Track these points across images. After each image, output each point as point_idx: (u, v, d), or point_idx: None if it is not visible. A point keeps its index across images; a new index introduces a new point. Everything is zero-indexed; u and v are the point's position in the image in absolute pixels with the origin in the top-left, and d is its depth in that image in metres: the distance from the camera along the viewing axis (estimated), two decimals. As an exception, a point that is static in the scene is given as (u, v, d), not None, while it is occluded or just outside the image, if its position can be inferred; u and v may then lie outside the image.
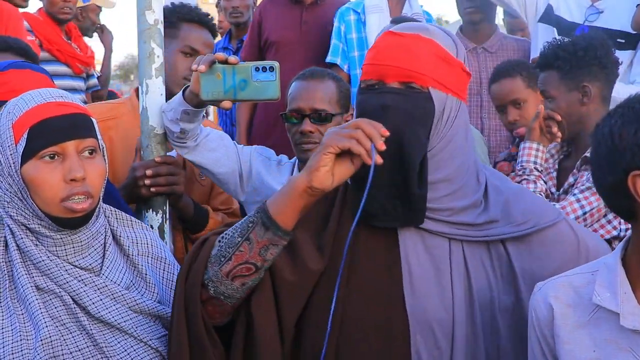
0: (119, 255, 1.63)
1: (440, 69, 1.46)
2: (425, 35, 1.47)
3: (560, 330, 1.36)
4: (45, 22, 4.38)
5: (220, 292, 1.44)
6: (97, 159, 1.55)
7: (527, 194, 1.61)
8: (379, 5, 3.59)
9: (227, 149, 2.22)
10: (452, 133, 1.48)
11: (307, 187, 1.37)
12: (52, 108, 1.51)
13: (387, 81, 1.46)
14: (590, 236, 1.59)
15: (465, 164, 1.50)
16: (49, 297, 1.52)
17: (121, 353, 1.53)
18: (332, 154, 1.36)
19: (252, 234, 1.41)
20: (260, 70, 1.77)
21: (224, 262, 1.43)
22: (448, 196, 1.47)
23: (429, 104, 1.45)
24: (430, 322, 1.44)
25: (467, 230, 1.48)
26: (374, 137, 1.34)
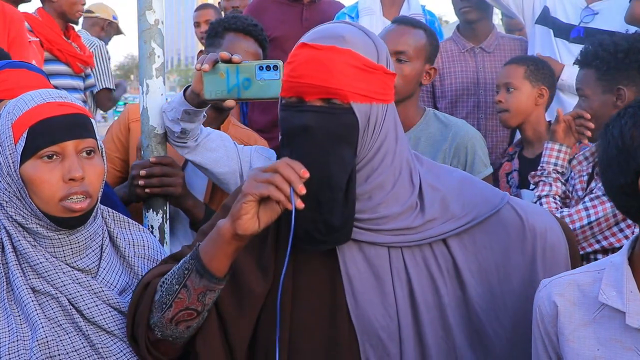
0: (115, 257, 1.64)
1: (361, 80, 1.40)
2: (341, 46, 1.40)
3: (564, 328, 1.36)
4: (45, 21, 4.39)
5: (167, 335, 1.47)
6: (96, 159, 1.56)
7: (469, 184, 1.55)
8: (370, 7, 3.61)
9: (227, 149, 2.21)
10: (381, 139, 1.45)
11: (234, 234, 1.37)
12: (51, 108, 1.52)
13: (307, 99, 1.41)
14: (538, 216, 1.55)
15: (397, 165, 1.47)
16: (45, 298, 1.53)
17: (117, 353, 1.54)
18: (252, 202, 1.35)
19: (188, 281, 1.43)
20: (264, 69, 1.77)
21: (165, 309, 1.45)
22: (381, 204, 1.45)
23: (351, 119, 1.40)
24: (376, 331, 1.44)
25: (404, 235, 1.46)
26: (292, 181, 1.32)
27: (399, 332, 1.45)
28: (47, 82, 1.99)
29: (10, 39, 3.24)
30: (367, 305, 1.45)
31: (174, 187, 2.13)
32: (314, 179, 1.35)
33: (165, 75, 2.22)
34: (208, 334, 1.49)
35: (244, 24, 2.44)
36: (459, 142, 2.56)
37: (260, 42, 2.46)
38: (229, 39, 2.42)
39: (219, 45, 2.40)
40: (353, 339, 1.45)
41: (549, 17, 3.22)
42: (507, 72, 2.96)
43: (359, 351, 1.45)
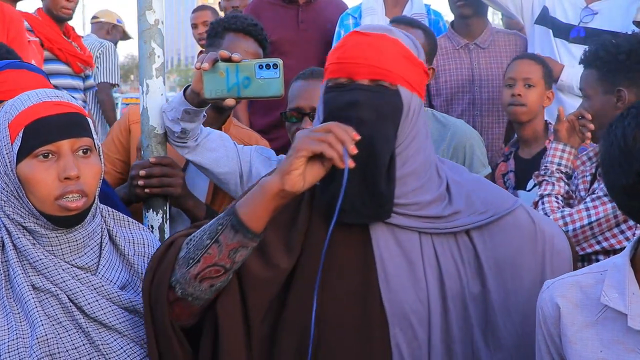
0: (115, 255, 1.64)
1: (407, 69, 1.49)
2: (390, 35, 1.50)
3: (567, 329, 1.35)
4: (45, 21, 4.40)
5: (187, 293, 1.45)
6: (92, 158, 1.56)
7: (485, 184, 1.63)
8: (372, 7, 3.62)
9: (227, 149, 2.21)
10: (415, 130, 1.51)
11: (279, 190, 1.38)
12: (47, 107, 1.52)
13: (356, 78, 1.47)
14: (548, 223, 1.62)
15: (427, 160, 1.53)
16: (45, 296, 1.53)
17: (117, 351, 1.54)
18: (304, 158, 1.37)
19: (221, 236, 1.42)
20: (264, 68, 1.77)
21: (192, 264, 1.44)
22: (415, 190, 1.49)
23: (397, 101, 1.47)
24: (407, 315, 1.46)
25: (434, 223, 1.50)
26: (345, 141, 1.35)
27: (428, 318, 1.47)
28: (47, 83, 1.99)
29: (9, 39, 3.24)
30: (398, 288, 1.47)
31: (174, 188, 2.13)
32: (360, 153, 1.38)
33: (165, 75, 2.22)
34: (229, 299, 1.48)
35: (243, 24, 2.44)
36: (457, 142, 2.57)
37: (260, 42, 2.46)
38: (228, 39, 2.42)
39: (218, 45, 2.40)
40: (383, 322, 1.46)
41: (548, 17, 3.22)
42: (526, 67, 2.93)
43: (388, 334, 1.46)
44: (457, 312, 1.48)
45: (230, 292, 1.48)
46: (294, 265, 1.50)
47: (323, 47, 3.69)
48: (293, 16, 3.70)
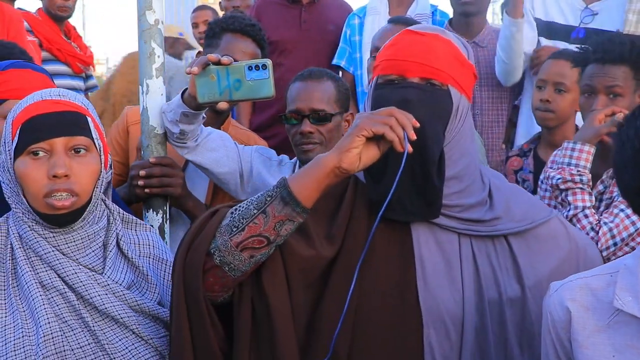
0: (120, 257, 1.64)
1: (457, 70, 1.50)
2: (443, 36, 1.52)
3: (578, 334, 1.32)
4: (45, 21, 4.40)
5: (226, 261, 1.42)
6: (89, 157, 1.55)
7: (522, 192, 1.65)
8: (376, 7, 3.64)
9: (227, 149, 2.22)
10: (462, 133, 1.52)
11: (335, 167, 1.39)
12: (45, 105, 1.53)
13: (408, 76, 1.48)
14: (579, 233, 1.65)
15: (472, 164, 1.54)
16: (52, 294, 1.54)
17: (122, 350, 1.54)
18: (364, 137, 1.37)
19: (269, 207, 1.41)
20: (254, 69, 1.77)
21: (235, 232, 1.42)
22: (457, 193, 1.51)
23: (447, 101, 1.49)
24: (442, 315, 1.46)
25: (475, 226, 1.51)
26: (406, 126, 1.36)
27: (462, 321, 1.47)
28: (50, 82, 1.99)
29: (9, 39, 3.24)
30: (435, 288, 1.47)
31: (174, 188, 2.13)
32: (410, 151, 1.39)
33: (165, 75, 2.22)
34: (276, 277, 1.46)
35: (241, 24, 2.43)
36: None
37: (258, 42, 2.45)
38: (226, 39, 2.41)
39: (216, 46, 2.40)
40: (418, 320, 1.46)
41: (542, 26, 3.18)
42: (559, 69, 2.71)
43: (421, 332, 1.46)
44: (494, 316, 1.48)
45: (277, 270, 1.47)
46: (335, 256, 1.49)
47: (325, 47, 3.71)
48: (296, 16, 3.71)
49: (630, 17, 2.95)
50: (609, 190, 2.37)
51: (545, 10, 3.20)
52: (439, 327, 1.46)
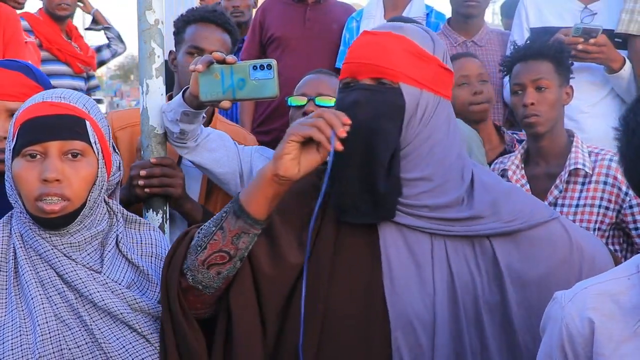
0: (119, 256, 1.65)
1: (413, 65, 1.47)
2: (397, 33, 1.50)
3: (603, 348, 1.16)
4: (45, 21, 4.41)
5: (198, 280, 1.48)
6: (83, 163, 1.55)
7: (519, 193, 1.59)
8: (372, 11, 3.66)
9: (227, 149, 2.22)
10: (429, 130, 1.49)
11: (274, 175, 1.41)
12: (43, 108, 1.53)
13: (360, 78, 1.49)
14: (588, 239, 1.55)
15: (446, 160, 1.50)
16: (51, 293, 1.54)
17: (120, 349, 1.54)
18: (295, 142, 1.39)
19: (225, 222, 1.46)
20: (258, 69, 1.77)
21: (200, 250, 1.47)
22: (426, 193, 1.48)
23: (399, 99, 1.47)
24: (410, 318, 1.43)
25: (448, 226, 1.47)
26: (334, 124, 1.38)
27: (433, 325, 1.44)
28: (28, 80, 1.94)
29: (6, 39, 3.22)
30: (403, 290, 1.45)
31: (174, 188, 2.13)
32: (358, 152, 1.42)
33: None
34: (241, 291, 1.50)
35: (201, 13, 2.43)
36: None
37: (224, 27, 2.42)
38: (189, 31, 2.41)
39: (182, 41, 2.40)
40: (386, 323, 1.45)
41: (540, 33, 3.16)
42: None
43: (389, 336, 1.44)
44: (470, 321, 1.44)
45: (243, 283, 1.50)
46: None
47: (327, 45, 3.72)
48: (300, 14, 3.73)
49: (623, 17, 2.95)
50: (569, 196, 2.37)
51: (541, 18, 3.20)
52: (407, 331, 1.43)
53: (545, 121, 2.42)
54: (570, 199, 2.38)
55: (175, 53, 2.48)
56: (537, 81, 2.45)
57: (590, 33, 2.83)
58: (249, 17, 4.32)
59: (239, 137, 2.41)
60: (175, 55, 2.47)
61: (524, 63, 2.49)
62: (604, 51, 2.88)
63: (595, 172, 2.37)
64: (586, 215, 2.36)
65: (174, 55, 2.48)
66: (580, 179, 2.39)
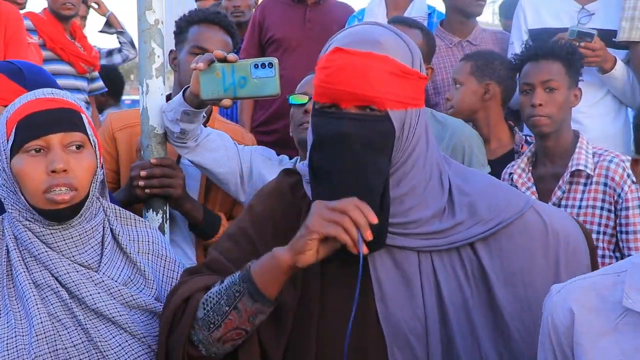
0: (117, 253, 1.65)
1: (396, 87, 1.40)
2: (378, 52, 1.39)
3: (582, 338, 1.22)
4: (49, 21, 4.41)
5: (212, 351, 1.48)
6: (85, 153, 1.57)
7: (493, 187, 1.56)
8: (373, 10, 3.66)
9: (227, 149, 2.22)
10: (413, 144, 1.45)
11: (293, 266, 1.38)
12: (39, 103, 1.54)
13: (343, 106, 1.39)
14: (561, 220, 1.55)
15: (428, 169, 1.48)
16: (46, 293, 1.55)
17: (115, 348, 1.55)
18: (316, 240, 1.34)
19: (239, 303, 1.42)
20: (260, 67, 1.77)
21: (213, 329, 1.45)
22: (413, 208, 1.46)
23: (388, 126, 1.40)
24: (405, 334, 1.44)
25: (434, 240, 1.46)
26: (361, 225, 1.32)
27: (426, 335, 1.44)
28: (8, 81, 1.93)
29: (7, 38, 3.19)
30: (396, 308, 1.45)
31: (174, 188, 2.14)
32: (351, 185, 1.36)
33: (165, 75, 2.23)
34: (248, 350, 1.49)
35: (205, 14, 2.44)
36: (455, 142, 2.57)
37: (226, 29, 2.44)
38: (193, 31, 2.41)
39: (185, 41, 2.41)
40: (381, 344, 1.44)
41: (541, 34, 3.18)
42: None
43: (387, 355, 1.44)
44: (460, 322, 1.45)
45: (250, 341, 1.49)
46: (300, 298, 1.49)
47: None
48: (300, 15, 3.72)
49: (623, 25, 2.96)
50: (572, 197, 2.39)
51: (539, 19, 3.21)
52: (403, 347, 1.44)
53: (552, 122, 2.44)
54: (573, 199, 2.39)
55: (175, 52, 2.48)
56: (547, 82, 2.45)
57: (585, 37, 2.85)
58: (249, 17, 4.32)
59: (237, 137, 2.42)
60: (175, 54, 2.48)
61: (534, 63, 2.49)
62: (600, 55, 2.89)
63: (595, 173, 2.38)
64: (589, 216, 2.36)
65: (174, 55, 2.49)
66: (582, 180, 2.39)
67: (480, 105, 2.90)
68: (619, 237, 2.36)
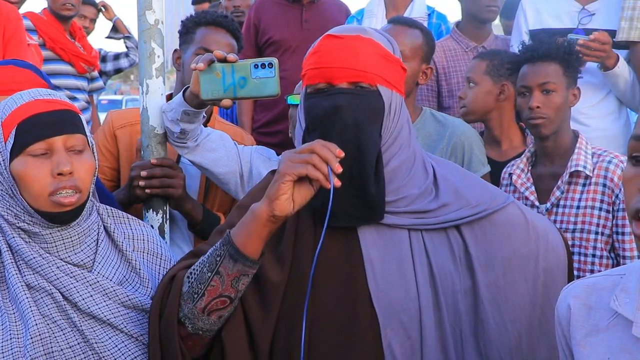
0: (112, 251, 1.65)
1: (383, 68, 1.49)
2: (364, 36, 1.49)
3: (576, 332, 1.28)
4: (49, 21, 4.41)
5: (198, 328, 1.47)
6: (86, 155, 1.57)
7: (475, 178, 1.63)
8: (373, 10, 3.66)
9: (227, 149, 2.22)
10: (398, 128, 1.51)
11: (270, 216, 1.39)
12: (39, 105, 1.53)
13: (336, 82, 1.47)
14: (541, 220, 1.61)
15: (412, 155, 1.54)
16: (40, 295, 1.54)
17: (112, 349, 1.54)
18: (290, 182, 1.37)
19: (221, 267, 1.43)
20: (260, 67, 1.77)
21: (197, 298, 1.45)
22: (402, 187, 1.50)
23: (378, 101, 1.48)
24: (398, 314, 1.45)
25: (424, 219, 1.50)
26: (329, 160, 1.35)
27: (419, 316, 1.46)
28: (37, 77, 1.97)
29: (6, 38, 3.19)
30: (388, 288, 1.46)
31: (174, 189, 2.14)
32: (346, 156, 1.39)
33: (165, 75, 2.23)
34: (232, 325, 1.49)
35: (213, 17, 2.45)
36: (455, 141, 2.57)
37: (233, 33, 2.46)
38: (200, 33, 2.43)
39: (191, 42, 2.42)
40: (375, 324, 1.45)
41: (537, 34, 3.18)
42: None
43: (380, 334, 1.45)
44: (449, 307, 1.47)
45: (234, 317, 1.49)
46: (287, 278, 1.49)
47: None
48: (297, 15, 3.71)
49: (622, 25, 2.96)
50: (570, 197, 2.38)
51: (540, 20, 3.21)
52: (396, 327, 1.45)
53: (551, 124, 2.44)
54: (572, 200, 2.39)
55: (180, 52, 2.49)
56: (544, 84, 2.44)
57: None
58: (249, 17, 4.33)
59: (237, 137, 2.42)
60: (180, 54, 2.48)
61: (531, 65, 2.49)
62: (606, 49, 2.88)
63: (594, 173, 2.38)
64: (587, 217, 2.36)
65: (178, 54, 2.49)
66: (581, 181, 2.39)
67: (495, 106, 2.87)
68: (615, 238, 2.36)
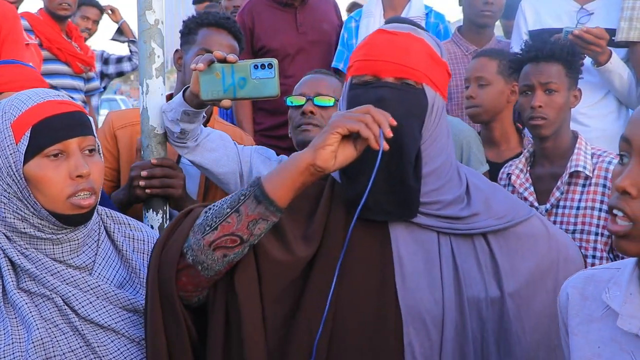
0: (112, 252, 1.65)
1: (431, 68, 1.50)
2: (415, 35, 1.51)
3: (571, 320, 1.33)
4: (46, 21, 4.42)
5: (199, 260, 1.42)
6: (97, 157, 1.58)
7: (501, 190, 1.65)
8: (370, 10, 3.67)
9: (227, 149, 2.22)
10: (438, 130, 1.52)
11: (310, 165, 1.37)
12: (53, 106, 1.53)
13: (382, 76, 1.48)
14: (561, 233, 1.65)
15: (448, 160, 1.54)
16: (40, 299, 1.53)
17: (114, 352, 1.54)
18: (339, 134, 1.36)
19: (242, 206, 1.40)
20: (259, 68, 1.77)
21: (208, 231, 1.40)
22: (436, 190, 1.50)
23: (423, 99, 1.48)
24: (421, 314, 1.45)
25: (453, 224, 1.50)
26: (382, 123, 1.35)
27: (442, 318, 1.45)
28: (40, 77, 1.99)
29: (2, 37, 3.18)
30: (414, 287, 1.46)
31: (175, 189, 2.14)
32: (386, 151, 1.37)
33: (165, 75, 2.23)
34: (246, 276, 1.45)
35: (215, 18, 2.45)
36: (454, 140, 2.57)
37: (235, 34, 2.46)
38: (202, 34, 2.42)
39: (193, 42, 2.42)
40: (398, 321, 1.45)
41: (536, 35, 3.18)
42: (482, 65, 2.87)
43: (401, 332, 1.44)
44: (473, 314, 1.47)
45: (248, 268, 1.45)
46: (313, 257, 1.48)
47: (323, 47, 3.71)
48: (291, 20, 3.69)
49: (622, 25, 2.97)
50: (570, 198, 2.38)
51: (539, 20, 3.22)
52: (418, 327, 1.45)
53: (551, 124, 2.44)
54: (572, 200, 2.39)
55: (181, 52, 2.49)
56: (547, 84, 2.44)
57: None
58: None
59: (236, 138, 2.42)
60: (181, 54, 2.48)
61: (534, 64, 2.48)
62: (602, 45, 2.88)
63: (594, 174, 2.38)
64: (587, 217, 2.36)
65: (179, 54, 2.49)
66: (581, 181, 2.39)
67: (505, 106, 2.88)
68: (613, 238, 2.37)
